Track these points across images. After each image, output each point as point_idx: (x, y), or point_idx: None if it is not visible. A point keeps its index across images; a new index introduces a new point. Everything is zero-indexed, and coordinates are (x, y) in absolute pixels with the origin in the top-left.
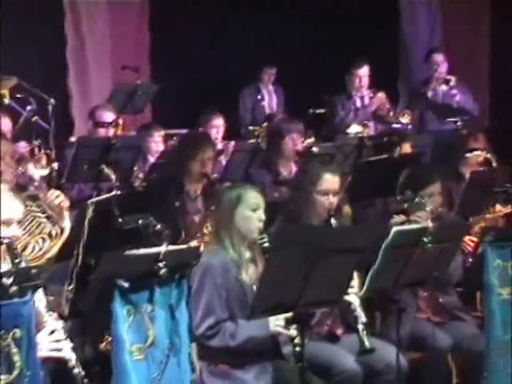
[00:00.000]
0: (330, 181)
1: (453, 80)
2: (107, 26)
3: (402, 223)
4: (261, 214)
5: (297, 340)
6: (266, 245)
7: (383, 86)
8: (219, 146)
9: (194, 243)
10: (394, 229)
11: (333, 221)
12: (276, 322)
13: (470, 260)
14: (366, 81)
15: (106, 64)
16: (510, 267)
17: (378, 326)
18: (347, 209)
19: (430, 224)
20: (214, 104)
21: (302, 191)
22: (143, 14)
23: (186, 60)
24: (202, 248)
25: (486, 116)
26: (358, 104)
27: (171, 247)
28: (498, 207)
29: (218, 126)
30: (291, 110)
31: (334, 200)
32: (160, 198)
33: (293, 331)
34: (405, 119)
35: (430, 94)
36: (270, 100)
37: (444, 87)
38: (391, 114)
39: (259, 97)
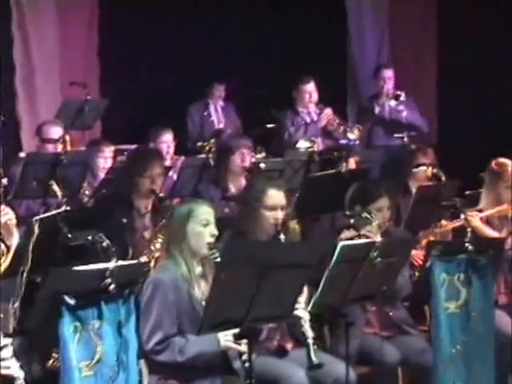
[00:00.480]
0: (275, 196)
1: (403, 95)
2: (56, 42)
3: (352, 238)
4: (212, 229)
5: (245, 355)
6: (218, 260)
7: (332, 101)
8: (169, 161)
9: (143, 259)
10: (341, 244)
11: (281, 236)
12: (226, 338)
13: (418, 274)
14: (315, 96)
15: (55, 80)
16: (457, 280)
17: (328, 341)
18: (295, 224)
19: (378, 239)
20: (165, 119)
21: (249, 207)
22: (92, 30)
23: (136, 75)
24: (151, 264)
25: (434, 132)
26: (307, 119)
27: (119, 263)
28: (446, 221)
29: (167, 141)
30: (242, 125)
31: (280, 215)
32: (108, 214)
33: (243, 346)
34: (354, 135)
35: (377, 109)
36: (218, 116)
37: (392, 103)
38: (341, 129)
39: (206, 113)
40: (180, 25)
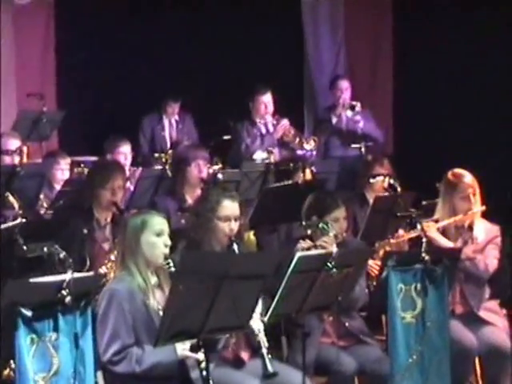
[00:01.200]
0: (230, 207)
1: (358, 106)
2: (12, 54)
3: (308, 248)
4: (166, 239)
5: (203, 364)
6: (172, 270)
7: (289, 112)
8: (126, 173)
9: (102, 270)
10: (298, 254)
11: (235, 247)
12: (183, 347)
13: (374, 284)
14: (270, 107)
15: (11, 91)
16: (413, 290)
17: (285, 351)
18: (251, 235)
19: (334, 249)
20: (122, 130)
21: (203, 218)
22: (49, 40)
23: (93, 86)
24: (110, 275)
25: (390, 142)
26: (263, 130)
27: (76, 275)
28: (402, 232)
29: (125, 152)
30: (199, 137)
31: (234, 226)
32: (66, 225)
33: (200, 354)
34: (310, 146)
35: (334, 120)
36: (171, 131)
37: (348, 113)
38: (297, 140)
39: (159, 127)
40: (136, 38)
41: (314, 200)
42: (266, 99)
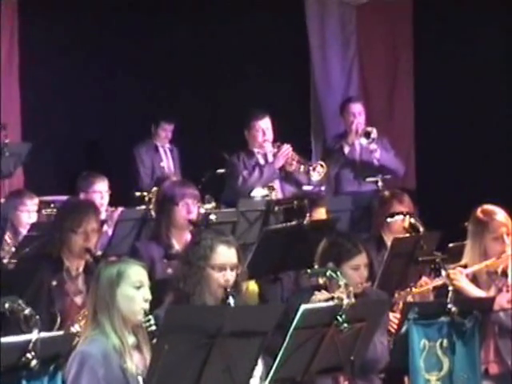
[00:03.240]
0: (225, 254)
1: (374, 132)
2: None
3: (326, 300)
4: (146, 293)
5: None
6: (153, 328)
7: (293, 141)
8: (103, 214)
9: (75, 328)
10: (303, 307)
11: (231, 300)
12: None
13: (393, 340)
14: (269, 134)
15: None
16: (439, 348)
17: None
18: (252, 285)
19: (345, 301)
20: (97, 165)
21: (194, 267)
22: (12, 66)
23: (63, 116)
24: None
25: (412, 175)
26: (262, 161)
27: (43, 335)
28: (425, 279)
29: (101, 191)
30: (186, 171)
31: (230, 276)
32: (32, 277)
33: None
34: (318, 174)
35: (346, 149)
36: (168, 161)
37: (363, 141)
38: (302, 168)
39: (157, 157)
40: (107, 59)
41: (331, 244)
42: (264, 125)
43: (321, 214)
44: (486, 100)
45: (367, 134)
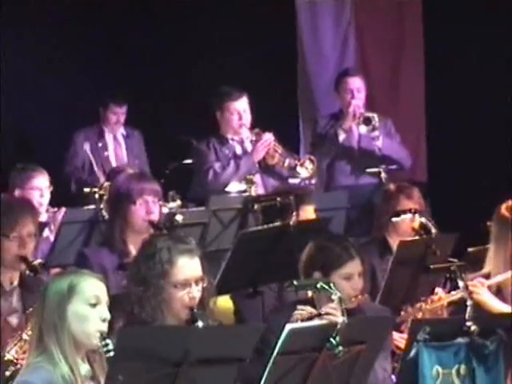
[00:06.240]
0: (188, 266)
1: (375, 119)
2: None
3: (310, 318)
4: (103, 311)
5: None
6: (112, 354)
7: (276, 125)
8: (44, 216)
9: (8, 355)
10: (288, 327)
11: (198, 321)
12: None
13: (400, 366)
14: (247, 118)
15: None
16: (455, 375)
17: None
18: (225, 301)
19: (340, 319)
20: (35, 157)
21: (150, 287)
22: None
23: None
24: (22, 362)
25: (422, 166)
26: (238, 151)
27: None
28: (439, 292)
29: (41, 187)
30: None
31: (196, 292)
32: None
33: None
34: (306, 170)
35: (341, 136)
36: (116, 150)
37: (363, 129)
38: (286, 162)
39: (100, 144)
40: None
41: (317, 249)
42: (241, 106)
43: (309, 213)
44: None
45: (367, 120)
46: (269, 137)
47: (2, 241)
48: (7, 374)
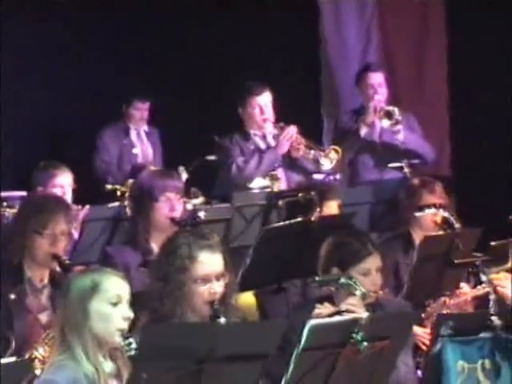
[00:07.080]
0: (209, 262)
1: (396, 113)
2: None
3: (330, 315)
4: (125, 310)
5: None
6: (134, 353)
7: (299, 120)
8: None
9: (38, 353)
10: (310, 323)
11: (220, 317)
12: None
13: (424, 361)
14: (269, 112)
15: None
16: (480, 370)
17: None
18: (248, 298)
19: (363, 314)
20: (59, 155)
21: (171, 282)
22: None
23: (17, 97)
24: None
25: (446, 160)
26: (262, 145)
27: None
28: (464, 287)
29: (63, 184)
30: (169, 159)
31: (217, 287)
32: None
33: None
34: (330, 161)
35: (363, 130)
36: (142, 147)
37: (385, 123)
38: (311, 154)
39: (126, 141)
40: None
41: (335, 245)
42: (263, 101)
43: (333, 208)
44: None
45: (389, 114)
46: (292, 129)
47: (34, 238)
48: (37, 372)
